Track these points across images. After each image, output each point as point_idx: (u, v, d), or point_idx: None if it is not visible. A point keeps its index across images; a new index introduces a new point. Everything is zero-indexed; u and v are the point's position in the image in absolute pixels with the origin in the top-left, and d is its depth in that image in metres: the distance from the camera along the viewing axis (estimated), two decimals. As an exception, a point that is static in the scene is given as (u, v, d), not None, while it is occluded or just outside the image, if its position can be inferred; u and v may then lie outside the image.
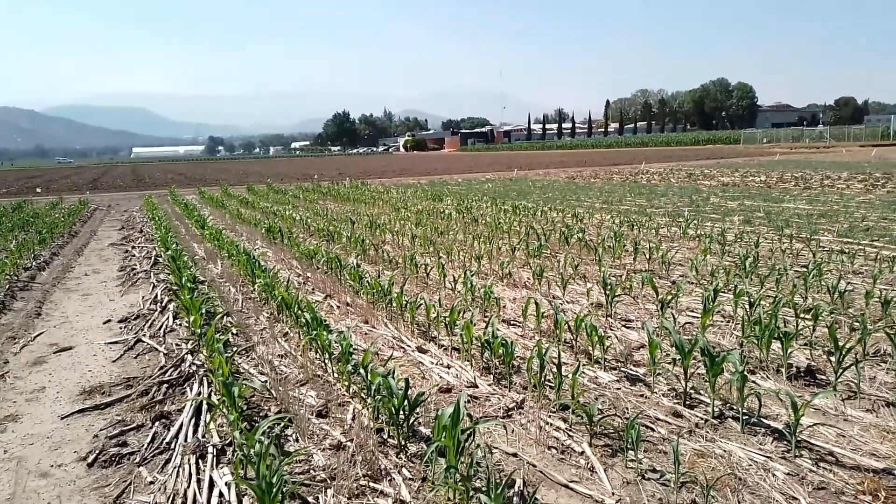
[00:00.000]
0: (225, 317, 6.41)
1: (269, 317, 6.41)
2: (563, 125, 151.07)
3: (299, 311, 5.47)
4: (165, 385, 4.71)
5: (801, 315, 5.39)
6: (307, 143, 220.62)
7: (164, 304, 7.17)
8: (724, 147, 64.45)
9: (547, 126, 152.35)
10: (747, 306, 5.39)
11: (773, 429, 3.60)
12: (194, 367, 5.03)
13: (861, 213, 12.01)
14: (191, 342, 5.65)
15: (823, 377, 4.32)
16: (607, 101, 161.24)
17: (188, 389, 4.62)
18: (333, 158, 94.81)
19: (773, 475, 3.12)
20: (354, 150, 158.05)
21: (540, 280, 7.17)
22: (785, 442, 3.43)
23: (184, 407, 4.24)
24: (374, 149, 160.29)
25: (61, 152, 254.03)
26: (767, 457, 3.29)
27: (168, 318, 6.58)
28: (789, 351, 4.42)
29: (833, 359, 4.12)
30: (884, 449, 3.35)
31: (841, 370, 4.08)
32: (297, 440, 3.73)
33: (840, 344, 4.15)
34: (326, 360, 4.79)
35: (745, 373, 3.76)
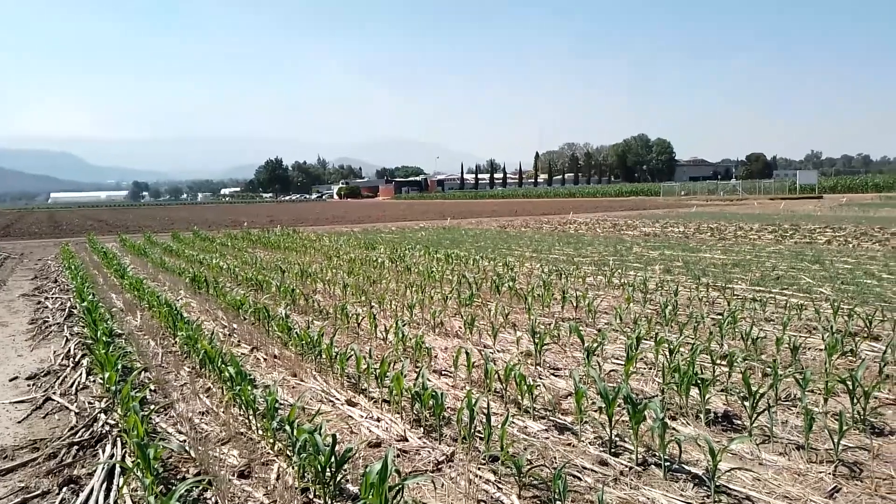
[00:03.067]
0: (143, 372, 6.11)
1: (190, 371, 6.15)
2: (495, 175, 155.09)
3: (223, 365, 5.28)
4: (76, 447, 4.42)
5: (718, 361, 5.64)
6: (237, 189, 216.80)
7: (77, 360, 6.77)
8: (646, 199, 67.62)
9: (479, 176, 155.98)
10: (667, 353, 5.59)
11: (694, 474, 3.71)
12: (108, 427, 4.74)
13: (772, 263, 12.77)
14: (105, 400, 5.34)
15: (739, 422, 4.51)
16: (537, 154, 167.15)
17: (100, 451, 4.35)
18: (265, 205, 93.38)
19: (694, 521, 3.21)
20: (287, 198, 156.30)
21: (471, 329, 7.22)
22: (705, 487, 3.53)
23: (95, 471, 3.98)
24: (308, 196, 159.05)
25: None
26: (688, 503, 3.38)
27: (81, 374, 6.21)
28: (707, 397, 4.61)
29: (748, 404, 4.32)
30: (795, 491, 3.51)
31: (755, 415, 4.28)
32: (216, 503, 3.56)
33: (753, 389, 4.35)
34: (251, 417, 4.63)
35: (666, 419, 3.89)
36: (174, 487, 3.30)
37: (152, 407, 5.02)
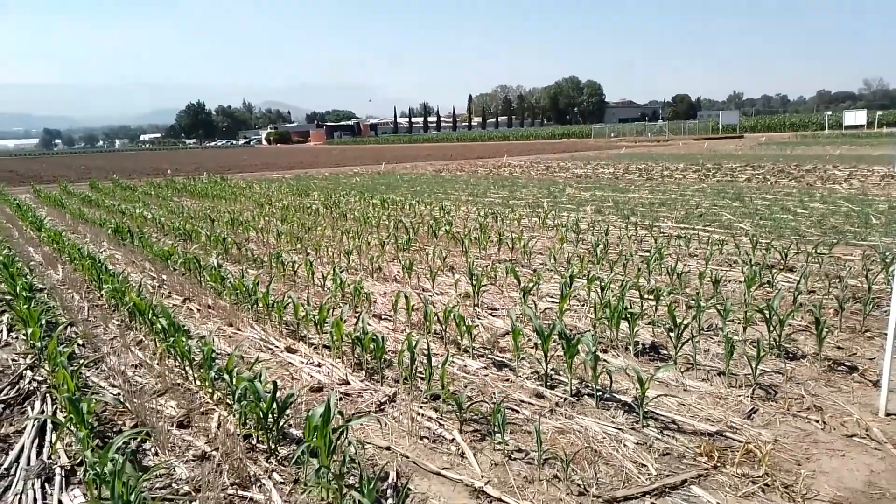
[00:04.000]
0: (69, 327, 5.87)
1: (120, 325, 5.95)
2: (429, 119, 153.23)
3: (154, 317, 5.13)
4: (1, 405, 4.24)
5: (645, 296, 5.90)
6: (158, 135, 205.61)
7: (-7, 317, 6.41)
8: (578, 141, 68.56)
9: (413, 120, 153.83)
10: (599, 290, 5.80)
11: (624, 402, 3.93)
12: (35, 384, 4.56)
13: (695, 201, 13.31)
14: (30, 356, 5.11)
15: (665, 352, 4.77)
16: (470, 97, 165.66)
17: (29, 408, 4.19)
18: (189, 152, 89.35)
19: (625, 445, 3.41)
20: (212, 143, 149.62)
21: (410, 273, 7.25)
22: (634, 414, 3.75)
23: (24, 427, 3.85)
24: (234, 142, 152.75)
25: None
26: (619, 429, 3.59)
27: (2, 330, 5.90)
28: (636, 330, 4.83)
29: (673, 335, 4.56)
30: (716, 414, 3.77)
31: (680, 345, 4.53)
32: (156, 454, 3.51)
33: (678, 321, 4.59)
34: (187, 368, 4.54)
35: (598, 352, 4.07)
36: (111, 440, 3.23)
37: (82, 361, 4.84)
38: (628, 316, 4.80)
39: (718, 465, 3.20)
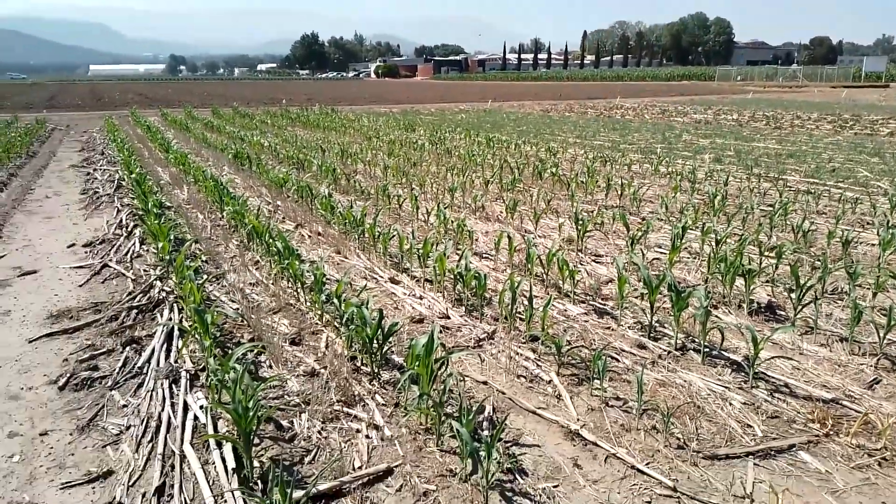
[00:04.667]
0: (194, 244, 6.32)
1: (238, 245, 6.34)
2: (539, 56, 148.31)
3: (270, 240, 5.42)
4: (135, 311, 4.68)
5: (766, 253, 5.54)
6: (274, 65, 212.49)
7: (129, 230, 7.03)
8: (699, 83, 64.24)
9: (523, 56, 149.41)
10: (714, 244, 5.51)
11: (733, 361, 3.76)
12: (164, 294, 4.98)
13: (828, 155, 12.20)
14: (159, 268, 5.58)
15: (783, 313, 4.49)
16: (584, 33, 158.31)
17: (158, 315, 4.60)
18: (302, 83, 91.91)
19: (731, 404, 3.28)
20: (324, 75, 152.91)
21: (513, 214, 7.19)
22: (743, 374, 3.58)
23: (154, 333, 4.23)
24: (345, 74, 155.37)
25: (14, 67, 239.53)
26: (725, 387, 3.45)
27: (134, 243, 6.46)
28: (752, 287, 4.57)
29: (794, 296, 4.27)
30: (834, 381, 3.53)
31: (800, 307, 4.24)
32: (270, 367, 3.77)
33: (801, 282, 4.29)
34: (299, 290, 4.79)
35: (709, 308, 3.89)
36: (231, 351, 3.50)
37: (205, 276, 5.23)
38: (745, 273, 4.53)
39: (831, 433, 3.02)
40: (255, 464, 2.81)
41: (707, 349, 3.85)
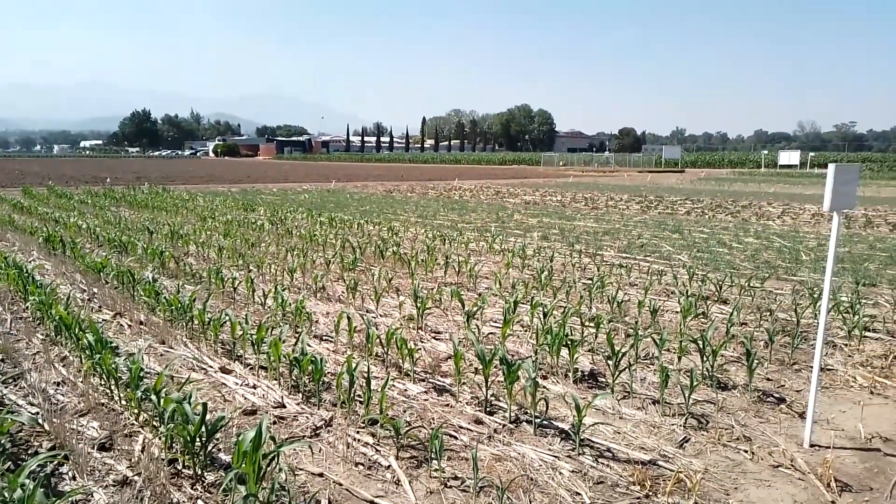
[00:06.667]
0: (-14, 340, 5.52)
1: (44, 339, 5.64)
2: (382, 139, 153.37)
3: (81, 332, 4.88)
4: None
5: (586, 323, 5.98)
6: (100, 142, 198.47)
7: None
8: (527, 168, 69.79)
9: (366, 139, 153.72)
10: (542, 316, 5.85)
11: (561, 429, 3.94)
12: (-58, 402, 4.25)
13: (637, 232, 13.68)
14: (-62, 372, 4.77)
15: (604, 380, 4.83)
16: (423, 118, 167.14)
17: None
18: (131, 161, 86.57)
19: (560, 473, 3.42)
20: (157, 153, 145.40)
21: (354, 293, 7.16)
22: (571, 441, 3.76)
23: (-75, 450, 3.56)
24: (180, 152, 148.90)
25: None
26: (555, 456, 3.59)
27: None
28: (576, 357, 4.88)
29: (611, 363, 4.63)
30: (650, 442, 3.83)
31: (617, 373, 4.60)
32: (74, 478, 3.31)
33: (616, 349, 4.67)
34: (113, 387, 4.33)
35: (538, 379, 4.09)
36: (25, 463, 3.03)
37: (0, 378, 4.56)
38: (569, 343, 4.85)
39: (650, 493, 3.24)
40: None
41: (538, 419, 4.01)
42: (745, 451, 3.72)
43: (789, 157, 60.84)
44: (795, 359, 5.36)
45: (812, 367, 3.81)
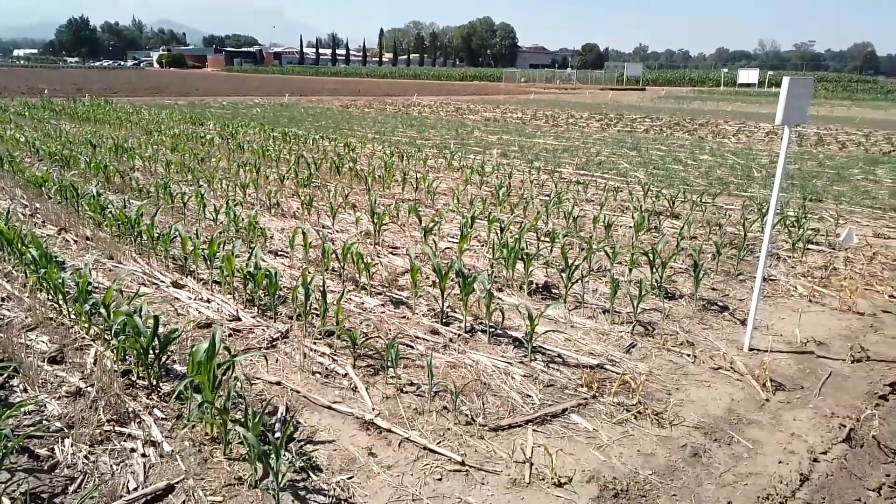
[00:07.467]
0: (-79, 257, 5.29)
1: (-16, 255, 5.42)
2: (338, 51, 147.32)
3: (24, 247, 4.71)
4: None
5: (542, 238, 6.06)
6: (35, 51, 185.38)
7: None
8: (489, 84, 68.45)
9: (321, 51, 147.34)
10: (499, 231, 5.90)
11: (515, 338, 4.05)
12: None
13: (596, 149, 13.71)
14: None
15: (557, 291, 4.95)
16: (381, 31, 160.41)
17: None
18: (70, 71, 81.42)
19: (513, 378, 3.54)
20: (97, 63, 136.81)
21: (309, 210, 7.06)
22: (523, 349, 3.88)
23: None
24: (122, 63, 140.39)
25: None
26: (508, 363, 3.71)
27: None
28: (530, 270, 4.97)
29: (564, 275, 4.72)
30: (599, 348, 3.97)
31: (570, 284, 4.70)
32: (25, 390, 3.28)
33: (570, 262, 4.75)
34: (60, 301, 4.23)
35: (493, 291, 4.16)
36: (-32, 379, 2.98)
37: (-65, 295, 4.40)
38: (524, 256, 4.91)
39: (597, 395, 3.39)
40: (6, 501, 2.42)
41: (492, 329, 4.11)
42: (688, 356, 3.90)
43: (748, 75, 60.98)
44: (741, 270, 5.57)
45: (755, 276, 3.97)
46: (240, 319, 4.25)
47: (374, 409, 3.19)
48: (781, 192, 3.95)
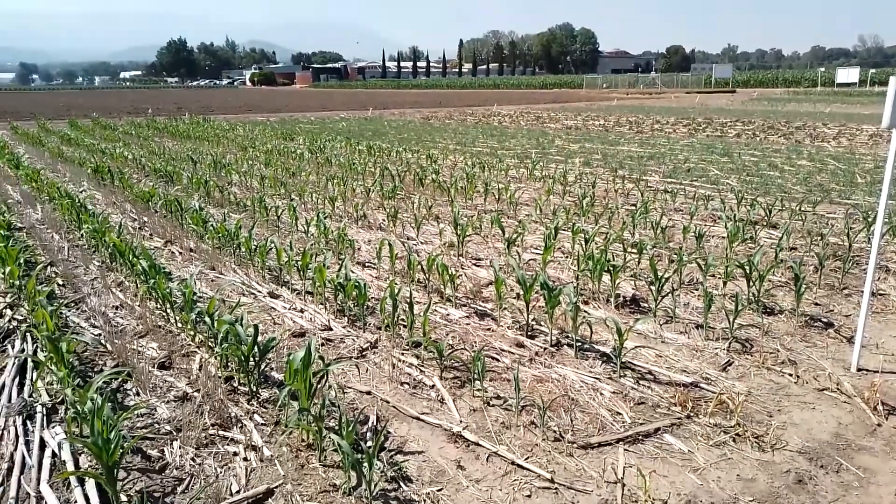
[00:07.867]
0: (49, 266, 5.80)
1: (100, 266, 5.89)
2: (419, 64, 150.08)
3: (134, 259, 5.07)
4: (-22, 345, 4.21)
5: (629, 250, 5.92)
6: (139, 73, 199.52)
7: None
8: (569, 91, 67.68)
9: (402, 64, 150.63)
10: (583, 242, 5.81)
11: (602, 353, 3.98)
12: (15, 323, 4.53)
13: (684, 156, 13.26)
14: (9, 296, 5.06)
15: (646, 305, 4.82)
16: (461, 41, 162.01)
17: (9, 347, 4.17)
18: (170, 91, 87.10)
19: (601, 394, 3.47)
20: (195, 83, 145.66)
21: (394, 221, 7.21)
22: (612, 364, 3.80)
23: (5, 366, 3.84)
24: (218, 82, 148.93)
25: None
26: (596, 378, 3.64)
27: (-23, 270, 5.81)
28: (617, 282, 4.87)
29: (653, 288, 4.60)
30: (692, 366, 3.84)
31: (660, 297, 4.57)
32: (138, 394, 3.53)
33: (659, 274, 4.62)
34: (168, 310, 4.53)
35: (579, 303, 4.10)
36: (92, 379, 3.23)
37: (62, 301, 4.81)
38: (611, 268, 4.82)
39: (692, 414, 3.28)
40: (123, 498, 2.61)
41: (579, 343, 4.06)
42: (790, 375, 3.70)
43: (847, 74, 57.17)
44: (846, 283, 5.24)
45: (863, 291, 3.72)
46: (331, 329, 4.40)
47: (461, 421, 3.22)
48: (890, 199, 3.68)
